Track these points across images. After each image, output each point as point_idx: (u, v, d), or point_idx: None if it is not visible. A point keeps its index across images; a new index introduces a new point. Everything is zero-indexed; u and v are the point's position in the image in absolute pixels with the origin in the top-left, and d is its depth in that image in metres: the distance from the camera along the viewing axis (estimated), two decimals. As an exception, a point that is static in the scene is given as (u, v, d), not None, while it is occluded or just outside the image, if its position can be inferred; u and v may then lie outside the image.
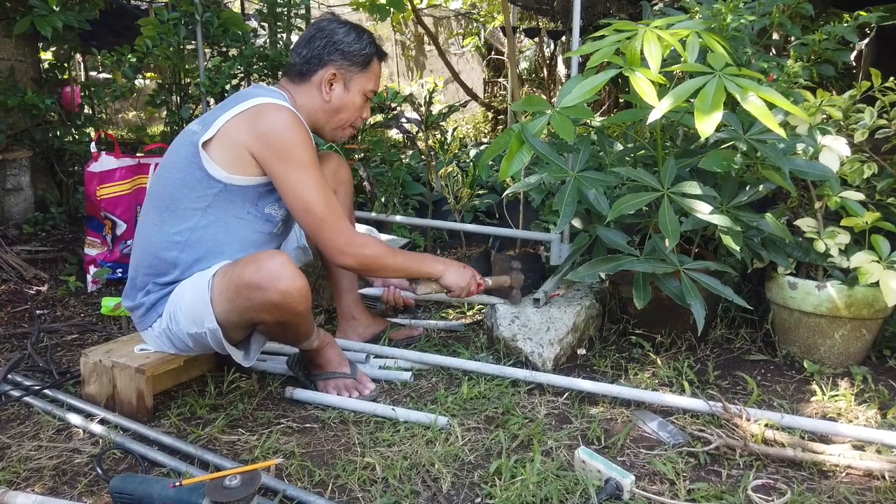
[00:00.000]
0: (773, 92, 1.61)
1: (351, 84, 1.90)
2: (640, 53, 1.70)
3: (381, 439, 1.65)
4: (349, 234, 1.82)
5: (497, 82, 7.58)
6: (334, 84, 1.89)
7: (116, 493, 1.33)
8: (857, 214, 1.89)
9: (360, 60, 1.89)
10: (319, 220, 1.77)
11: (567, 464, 1.53)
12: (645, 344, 2.10)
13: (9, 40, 3.27)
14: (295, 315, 1.69)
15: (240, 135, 1.73)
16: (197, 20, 3.02)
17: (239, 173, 1.75)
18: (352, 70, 1.89)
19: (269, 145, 1.72)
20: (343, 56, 1.87)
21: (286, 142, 1.73)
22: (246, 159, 1.74)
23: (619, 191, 2.14)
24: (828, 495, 1.42)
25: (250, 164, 1.75)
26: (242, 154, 1.74)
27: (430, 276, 1.98)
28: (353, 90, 1.91)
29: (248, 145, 1.73)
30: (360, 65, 1.90)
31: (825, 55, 2.23)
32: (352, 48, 1.88)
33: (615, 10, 4.31)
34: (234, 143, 1.73)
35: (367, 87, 1.93)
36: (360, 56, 1.89)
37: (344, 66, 1.88)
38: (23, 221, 3.25)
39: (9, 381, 1.97)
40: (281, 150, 1.72)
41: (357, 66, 1.89)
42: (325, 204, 1.77)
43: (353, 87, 1.91)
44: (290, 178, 1.74)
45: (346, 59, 1.88)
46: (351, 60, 1.88)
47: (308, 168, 1.75)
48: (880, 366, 2.04)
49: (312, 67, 1.87)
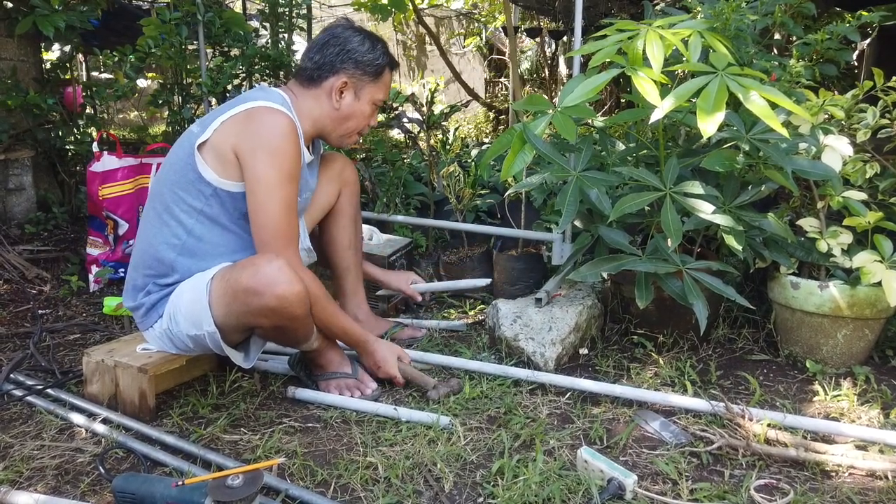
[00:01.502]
0: (776, 91, 1.61)
1: (362, 93, 1.89)
2: (643, 53, 1.70)
3: (383, 439, 1.65)
4: (293, 263, 1.71)
5: (498, 82, 7.58)
6: (345, 92, 1.87)
7: (119, 492, 1.33)
8: (859, 214, 1.89)
9: (373, 70, 1.88)
10: (270, 237, 1.71)
11: (569, 463, 1.53)
12: (647, 344, 2.10)
13: (11, 40, 3.27)
14: (292, 319, 1.69)
15: (230, 137, 1.72)
16: (199, 20, 3.02)
17: (229, 178, 1.74)
18: (364, 80, 1.88)
19: (253, 147, 1.69)
20: (356, 65, 1.86)
21: (271, 147, 1.69)
22: (234, 164, 1.72)
23: (621, 190, 2.14)
24: (830, 495, 1.42)
25: (238, 169, 1.73)
26: (231, 157, 1.72)
27: (351, 341, 1.90)
28: (363, 99, 1.90)
29: (235, 146, 1.71)
30: (373, 75, 1.88)
31: (827, 55, 2.23)
32: (365, 58, 1.87)
33: (617, 9, 4.31)
34: (225, 146, 1.72)
35: (378, 96, 1.92)
36: (374, 66, 1.88)
37: (356, 76, 1.87)
38: (25, 221, 3.25)
39: (11, 380, 1.97)
40: (262, 153, 1.69)
41: (369, 76, 1.88)
42: (283, 223, 1.72)
43: (364, 96, 1.89)
44: (259, 185, 1.70)
45: (359, 68, 1.86)
46: (364, 70, 1.87)
47: (284, 180, 1.71)
48: (883, 366, 2.04)
49: (324, 74, 1.86)
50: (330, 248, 2.25)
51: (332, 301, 1.87)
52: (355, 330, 1.92)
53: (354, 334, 1.91)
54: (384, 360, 1.91)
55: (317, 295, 1.78)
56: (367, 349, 1.92)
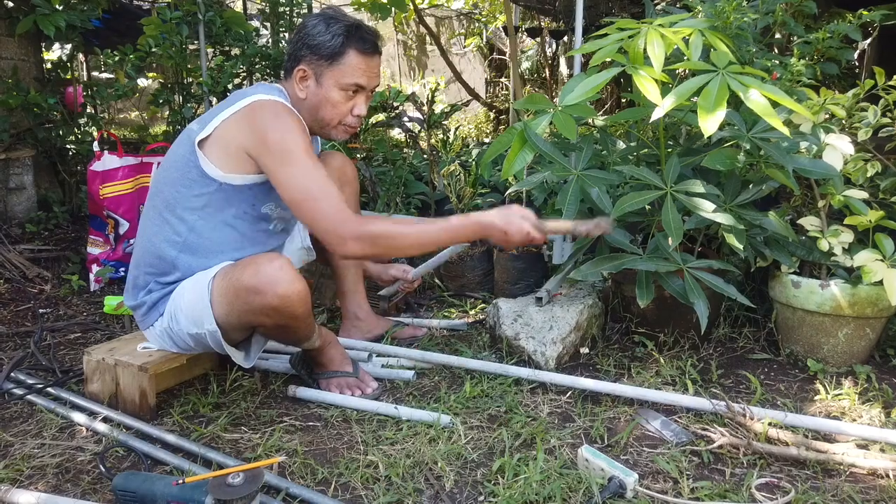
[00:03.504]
0: (777, 90, 1.61)
1: (322, 79, 1.77)
2: (643, 52, 1.70)
3: (383, 437, 1.65)
4: (350, 218, 1.64)
5: (499, 82, 7.58)
6: (308, 81, 1.80)
7: (119, 491, 1.33)
8: (860, 213, 1.89)
9: (327, 53, 1.75)
10: (315, 209, 1.64)
11: (570, 462, 1.53)
12: (648, 343, 2.10)
13: (12, 39, 3.28)
14: (294, 318, 1.68)
15: (235, 134, 1.70)
16: (199, 20, 3.03)
17: (234, 172, 1.73)
18: (321, 64, 1.76)
19: (262, 140, 1.67)
20: (310, 50, 1.77)
21: (278, 134, 1.67)
22: (241, 158, 1.71)
23: (621, 189, 2.14)
24: (832, 494, 1.42)
25: (246, 163, 1.71)
26: (238, 153, 1.71)
27: (468, 236, 1.70)
28: (325, 85, 1.78)
29: (243, 143, 1.70)
30: (328, 58, 1.75)
31: (829, 54, 2.23)
32: (316, 41, 1.76)
33: (618, 9, 4.31)
34: (230, 142, 1.71)
35: (345, 80, 1.77)
36: (327, 48, 1.75)
37: (313, 61, 1.77)
38: (26, 220, 3.25)
39: (12, 379, 1.97)
40: (273, 143, 1.67)
41: (325, 60, 1.76)
42: (322, 190, 1.64)
43: (326, 81, 1.77)
44: (284, 170, 1.66)
45: (314, 52, 1.77)
46: (318, 53, 1.76)
47: (300, 157, 1.66)
48: (884, 365, 2.04)
49: (290, 64, 1.82)
50: (330, 246, 2.24)
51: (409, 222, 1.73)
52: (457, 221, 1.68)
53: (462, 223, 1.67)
54: (519, 225, 1.65)
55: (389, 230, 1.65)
56: (487, 225, 1.66)
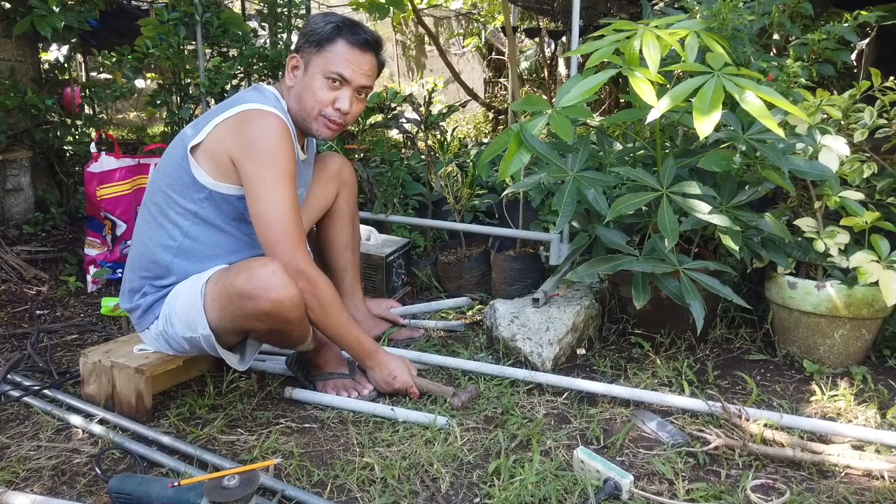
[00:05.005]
0: (773, 92, 1.61)
1: (309, 66, 1.79)
2: (639, 53, 1.70)
3: (379, 439, 1.65)
4: (305, 262, 1.70)
5: (497, 82, 7.58)
6: (298, 70, 1.82)
7: (115, 493, 1.33)
8: (856, 214, 1.89)
9: (316, 39, 1.78)
10: (279, 236, 1.68)
11: (566, 464, 1.53)
12: (644, 344, 2.10)
13: (9, 41, 3.27)
14: (287, 323, 1.67)
15: (224, 141, 1.70)
16: (197, 20, 3.02)
17: (223, 181, 1.73)
18: (310, 51, 1.79)
19: (248, 149, 1.67)
20: (304, 39, 1.81)
21: (266, 148, 1.67)
22: (229, 167, 1.71)
23: (618, 191, 2.14)
24: (827, 495, 1.42)
25: (234, 173, 1.71)
26: (226, 161, 1.70)
27: (362, 352, 1.84)
28: (310, 71, 1.79)
29: (230, 150, 1.69)
30: (316, 44, 1.78)
31: (825, 55, 2.23)
32: (309, 29, 1.80)
33: (615, 9, 4.31)
34: (219, 150, 1.71)
35: (329, 68, 1.77)
36: (316, 35, 1.78)
37: (304, 49, 1.80)
38: (23, 222, 3.25)
39: (8, 381, 1.97)
40: (258, 154, 1.67)
41: (313, 46, 1.78)
42: (290, 221, 1.69)
43: (311, 68, 1.79)
44: (260, 185, 1.67)
45: (306, 40, 1.80)
46: (308, 41, 1.79)
47: (282, 179, 1.68)
48: (880, 366, 2.04)
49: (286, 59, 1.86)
50: (327, 248, 2.25)
51: (344, 309, 1.82)
52: (366, 341, 1.85)
53: (366, 346, 1.84)
54: (399, 371, 1.84)
55: (331, 300, 1.74)
56: (378, 361, 1.85)
